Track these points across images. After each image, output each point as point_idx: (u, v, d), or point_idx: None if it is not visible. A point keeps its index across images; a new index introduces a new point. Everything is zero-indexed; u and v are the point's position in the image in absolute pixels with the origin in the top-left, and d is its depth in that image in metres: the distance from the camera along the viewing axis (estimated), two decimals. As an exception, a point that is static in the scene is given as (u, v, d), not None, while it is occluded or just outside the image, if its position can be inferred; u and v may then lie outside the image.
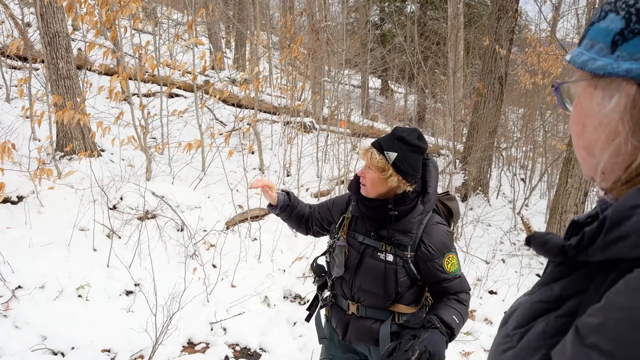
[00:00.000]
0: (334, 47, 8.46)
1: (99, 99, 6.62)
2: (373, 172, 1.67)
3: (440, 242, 1.69)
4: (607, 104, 0.54)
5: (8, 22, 7.15)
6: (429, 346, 1.49)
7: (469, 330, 4.14)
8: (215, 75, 9.29)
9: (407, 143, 1.64)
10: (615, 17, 0.54)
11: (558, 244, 0.57)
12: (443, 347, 1.52)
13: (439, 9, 13.67)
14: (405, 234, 1.69)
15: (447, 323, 1.58)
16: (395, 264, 1.71)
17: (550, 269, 0.64)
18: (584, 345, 0.47)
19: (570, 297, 0.56)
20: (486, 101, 7.91)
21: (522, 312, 0.62)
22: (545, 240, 0.59)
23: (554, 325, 0.56)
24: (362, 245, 1.79)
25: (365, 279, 1.76)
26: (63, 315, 3.26)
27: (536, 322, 0.58)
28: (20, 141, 4.90)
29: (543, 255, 0.61)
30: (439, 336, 1.53)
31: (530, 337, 0.58)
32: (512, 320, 0.63)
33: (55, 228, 4.13)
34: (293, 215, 2.07)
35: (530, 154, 10.49)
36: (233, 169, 6.17)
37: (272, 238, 4.73)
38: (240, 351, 3.41)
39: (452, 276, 1.71)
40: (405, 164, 1.63)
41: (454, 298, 1.70)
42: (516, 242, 6.79)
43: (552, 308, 0.58)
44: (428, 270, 1.70)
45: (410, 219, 1.68)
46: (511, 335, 0.61)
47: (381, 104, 15.90)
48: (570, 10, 12.31)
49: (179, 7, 11.12)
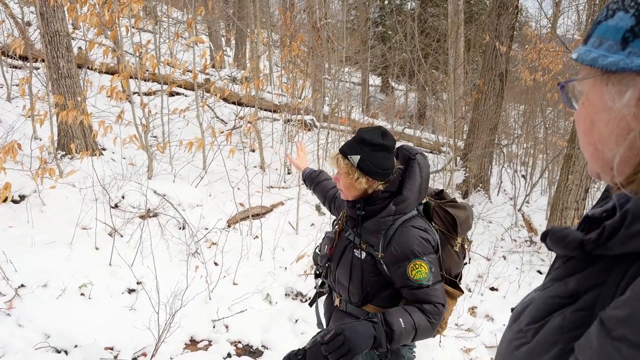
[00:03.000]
0: (334, 45, 8.46)
1: (99, 97, 6.63)
2: (344, 177, 1.69)
3: (407, 246, 1.60)
4: (620, 99, 0.55)
5: (8, 21, 7.15)
6: (346, 331, 1.41)
7: (470, 327, 4.16)
8: (215, 74, 9.29)
9: (369, 143, 1.63)
10: (625, 15, 0.56)
11: (577, 239, 0.57)
12: (364, 338, 1.42)
13: (439, 6, 13.65)
14: (374, 233, 1.68)
15: (388, 322, 1.48)
16: (365, 262, 1.71)
17: (561, 264, 0.65)
18: (610, 337, 0.47)
19: (586, 291, 0.57)
20: (487, 98, 7.91)
21: (536, 307, 0.62)
22: (564, 235, 0.59)
23: (570, 319, 0.56)
24: (347, 240, 1.83)
25: (342, 273, 1.80)
26: (66, 313, 3.27)
27: (551, 317, 0.59)
28: (22, 140, 4.91)
29: (559, 250, 0.61)
30: (367, 328, 1.45)
31: (546, 332, 0.58)
32: (525, 316, 0.64)
33: (58, 227, 4.14)
34: (317, 188, 2.29)
35: (531, 150, 10.49)
36: (234, 167, 6.18)
37: (274, 236, 4.74)
38: (242, 348, 3.42)
39: (417, 284, 1.58)
40: (369, 164, 1.62)
41: (416, 306, 1.58)
42: (517, 239, 6.80)
43: (568, 303, 0.58)
44: (394, 273, 1.64)
45: (379, 218, 1.66)
46: (525, 330, 0.61)
47: (382, 102, 15.89)
48: (571, 6, 12.30)
49: (178, 6, 11.12)
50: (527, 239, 6.80)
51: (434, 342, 3.69)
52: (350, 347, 1.39)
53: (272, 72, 8.80)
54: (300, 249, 4.76)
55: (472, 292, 4.91)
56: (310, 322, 3.72)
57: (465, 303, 4.58)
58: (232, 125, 7.57)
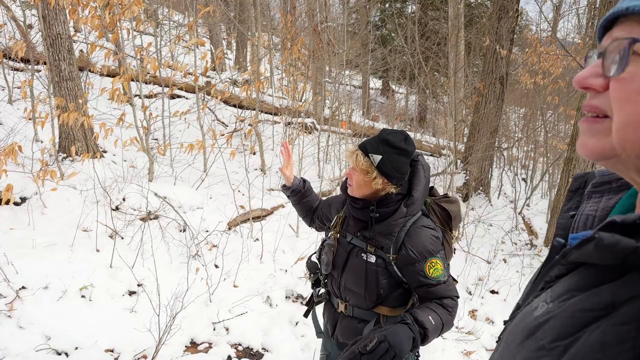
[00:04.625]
0: (335, 48, 8.48)
1: (100, 100, 6.65)
2: (358, 174, 1.68)
3: (422, 246, 1.64)
4: None
5: (10, 24, 7.18)
6: (389, 337, 1.40)
7: (470, 330, 4.16)
8: (216, 77, 9.31)
9: (392, 146, 1.64)
10: None
11: (631, 247, 0.51)
12: (406, 341, 1.43)
13: (440, 9, 13.68)
14: (386, 236, 1.69)
15: (420, 322, 1.51)
16: (377, 266, 1.71)
17: (566, 272, 0.60)
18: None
19: (625, 302, 0.51)
20: (487, 101, 7.92)
21: (562, 322, 0.56)
22: (616, 241, 0.52)
23: (613, 333, 0.50)
24: (349, 244, 1.81)
25: (349, 278, 1.78)
26: (67, 315, 3.28)
27: (583, 332, 0.53)
28: (23, 143, 4.93)
29: (601, 258, 0.54)
30: (405, 330, 1.45)
31: (582, 350, 0.51)
32: (545, 331, 0.57)
33: (59, 229, 4.15)
34: (302, 202, 2.15)
35: (532, 153, 10.49)
36: (235, 170, 6.19)
37: (274, 238, 4.74)
38: (242, 351, 3.42)
39: (435, 282, 1.63)
40: (389, 166, 1.63)
41: (436, 302, 1.63)
42: (517, 242, 6.80)
43: (603, 315, 0.52)
44: (409, 274, 1.67)
45: (392, 221, 1.68)
46: (548, 348, 0.55)
47: (382, 105, 15.92)
48: (571, 10, 12.34)
49: (180, 9, 11.15)
50: (527, 242, 6.80)
51: (434, 346, 3.69)
52: (395, 352, 1.39)
53: (272, 75, 8.82)
54: (300, 251, 4.76)
55: (473, 295, 4.90)
56: (310, 324, 3.71)
57: (465, 306, 4.58)
58: (232, 128, 7.58)
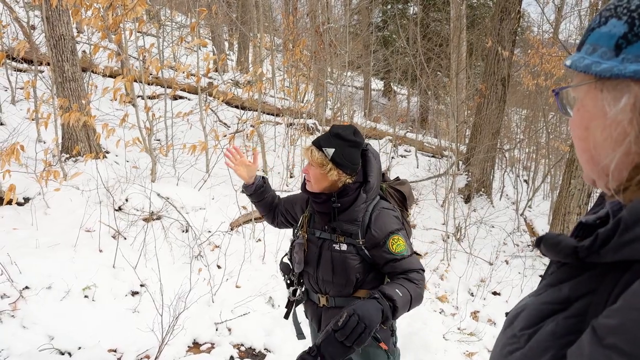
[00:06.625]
0: (336, 49, 8.49)
1: (103, 101, 6.66)
2: (315, 169, 1.79)
3: (385, 226, 1.76)
4: (615, 105, 0.56)
5: (13, 25, 7.20)
6: (358, 310, 1.48)
7: (472, 331, 4.15)
8: (218, 78, 9.33)
9: (343, 139, 1.76)
10: (617, 22, 0.56)
11: (571, 245, 0.57)
12: (375, 313, 1.50)
13: (442, 10, 13.69)
14: (352, 222, 1.79)
15: (388, 295, 1.57)
16: (349, 252, 1.80)
17: (555, 270, 0.65)
18: (602, 346, 0.48)
19: (578, 298, 0.57)
20: (489, 102, 7.92)
21: (530, 313, 0.63)
22: (557, 241, 0.60)
23: (563, 325, 0.56)
24: (319, 239, 1.89)
25: (325, 271, 1.85)
26: (70, 315, 3.28)
27: (544, 323, 0.59)
28: (26, 143, 4.94)
29: (552, 256, 0.62)
30: (373, 304, 1.52)
31: (539, 338, 0.58)
32: (519, 321, 0.64)
33: (62, 229, 4.16)
34: (263, 201, 2.18)
35: (533, 155, 10.48)
36: (237, 171, 6.19)
37: (276, 239, 4.75)
38: (245, 351, 3.43)
39: (400, 256, 1.74)
40: (342, 158, 1.75)
41: (402, 277, 1.72)
42: (519, 244, 6.79)
43: (561, 309, 0.58)
44: (376, 254, 1.77)
45: (355, 208, 1.79)
46: (518, 336, 0.62)
47: (384, 106, 15.92)
48: (573, 11, 12.34)
49: (182, 10, 11.18)
50: (529, 244, 6.79)
51: (436, 346, 3.69)
52: (366, 324, 1.46)
53: (274, 76, 8.84)
54: (302, 252, 4.77)
55: (475, 296, 4.90)
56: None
57: (467, 307, 4.58)
58: (235, 129, 7.60)
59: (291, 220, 2.13)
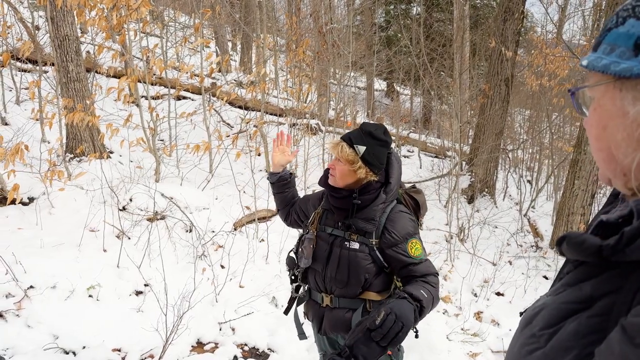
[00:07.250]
0: (339, 50, 8.49)
1: (107, 101, 6.69)
2: (343, 165, 1.79)
3: (403, 228, 1.77)
4: (635, 104, 0.56)
5: (18, 25, 7.23)
6: (395, 308, 1.45)
7: (476, 332, 4.15)
8: (222, 78, 9.34)
9: (375, 137, 1.77)
10: (636, 22, 0.57)
11: (595, 244, 0.57)
12: (410, 313, 1.48)
13: (445, 11, 13.67)
14: (369, 221, 1.78)
15: (415, 296, 1.57)
16: (361, 251, 1.79)
17: (572, 270, 0.64)
18: (633, 344, 0.47)
19: (601, 297, 0.57)
20: (492, 103, 7.91)
21: (549, 312, 0.62)
22: (581, 240, 0.59)
23: (586, 324, 0.56)
24: (331, 236, 1.88)
25: (334, 269, 1.83)
26: (74, 314, 3.30)
27: (566, 323, 0.59)
28: (31, 143, 4.96)
29: (574, 255, 0.61)
30: (407, 304, 1.51)
31: (561, 338, 0.58)
32: (537, 320, 0.63)
33: (66, 229, 4.18)
34: (283, 194, 2.20)
35: (537, 155, 10.47)
36: (240, 171, 6.21)
37: (280, 239, 4.75)
38: (248, 351, 3.43)
39: (418, 260, 1.75)
40: (372, 156, 1.75)
41: (421, 280, 1.72)
42: (523, 244, 6.78)
43: (583, 308, 0.58)
44: (393, 256, 1.76)
45: (373, 207, 1.79)
46: (538, 335, 0.61)
47: (387, 106, 15.90)
48: (577, 11, 12.30)
49: (186, 10, 11.20)
50: (533, 244, 6.78)
51: (440, 347, 3.68)
52: (403, 323, 1.43)
53: (277, 77, 8.84)
54: (306, 252, 4.77)
55: (478, 296, 4.90)
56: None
57: (471, 308, 4.57)
58: (238, 129, 7.61)
59: (303, 218, 2.13)
